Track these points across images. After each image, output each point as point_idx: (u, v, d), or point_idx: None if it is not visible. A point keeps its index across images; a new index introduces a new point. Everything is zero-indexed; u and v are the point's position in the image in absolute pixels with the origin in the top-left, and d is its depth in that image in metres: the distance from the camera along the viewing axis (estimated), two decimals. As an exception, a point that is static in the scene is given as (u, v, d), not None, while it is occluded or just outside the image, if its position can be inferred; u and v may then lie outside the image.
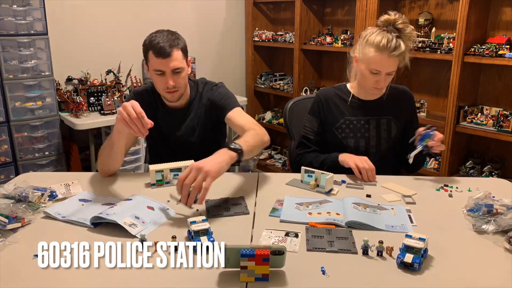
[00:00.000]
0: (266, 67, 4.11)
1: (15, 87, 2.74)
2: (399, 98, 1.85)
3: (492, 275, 1.08)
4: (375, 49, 1.66)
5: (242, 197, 1.49)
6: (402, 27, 1.65)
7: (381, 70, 1.68)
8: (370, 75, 1.71)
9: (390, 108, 1.83)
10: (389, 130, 1.83)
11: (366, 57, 1.70)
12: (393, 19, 1.66)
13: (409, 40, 1.67)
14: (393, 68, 1.69)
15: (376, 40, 1.66)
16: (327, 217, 1.33)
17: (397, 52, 1.64)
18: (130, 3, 3.35)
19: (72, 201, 1.45)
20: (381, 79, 1.70)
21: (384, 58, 1.65)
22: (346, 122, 1.82)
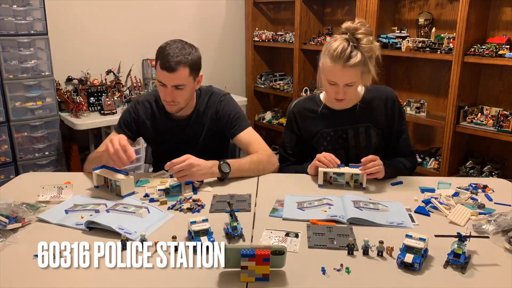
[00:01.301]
0: (266, 67, 4.11)
1: (15, 87, 2.74)
2: (378, 102, 1.74)
3: (492, 275, 1.08)
4: (329, 59, 1.57)
5: (249, 195, 1.51)
6: (360, 37, 1.55)
7: (337, 81, 1.59)
8: (329, 86, 1.63)
9: (367, 115, 1.73)
10: (369, 138, 1.73)
11: (323, 66, 1.62)
12: (353, 27, 1.56)
13: (367, 52, 1.56)
14: (350, 79, 1.58)
15: (331, 48, 1.56)
16: (329, 214, 1.33)
17: (351, 63, 1.54)
18: (130, 3, 3.35)
19: (66, 204, 1.44)
20: (340, 90, 1.61)
21: (338, 68, 1.56)
22: (323, 135, 1.75)
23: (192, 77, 1.67)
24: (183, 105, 1.74)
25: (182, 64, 1.62)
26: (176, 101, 1.69)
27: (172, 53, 1.61)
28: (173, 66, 1.61)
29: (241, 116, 1.82)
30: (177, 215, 1.38)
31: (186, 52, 1.64)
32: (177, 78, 1.63)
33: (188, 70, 1.64)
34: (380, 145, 1.75)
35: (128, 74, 3.33)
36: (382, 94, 1.75)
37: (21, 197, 1.44)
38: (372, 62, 1.59)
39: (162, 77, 1.64)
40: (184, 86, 1.66)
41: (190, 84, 1.69)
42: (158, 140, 1.87)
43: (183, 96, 1.69)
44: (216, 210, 1.40)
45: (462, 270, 1.07)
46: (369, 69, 1.59)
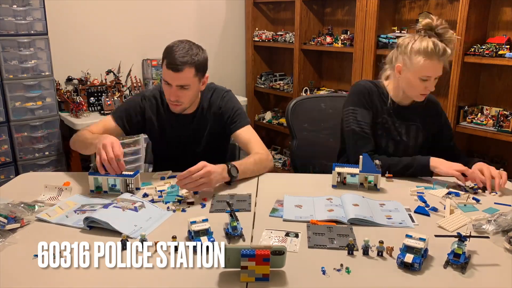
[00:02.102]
0: (266, 67, 4.11)
1: (15, 87, 2.74)
2: (431, 107, 1.85)
3: (492, 275, 1.08)
4: (424, 55, 1.63)
5: (249, 195, 1.51)
6: (443, 32, 1.64)
7: (431, 76, 1.66)
8: (419, 82, 1.68)
9: (419, 115, 1.82)
10: (417, 137, 1.81)
11: (415, 66, 1.66)
12: (435, 25, 1.65)
13: (450, 43, 1.65)
14: (441, 72, 1.68)
15: (422, 48, 1.63)
16: (329, 214, 1.33)
17: (446, 56, 1.64)
18: (130, 3, 3.35)
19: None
20: (430, 84, 1.68)
21: (435, 63, 1.64)
22: (383, 121, 1.79)
23: (197, 78, 1.68)
24: (187, 105, 1.75)
25: (188, 65, 1.62)
26: (180, 101, 1.70)
27: (179, 53, 1.62)
28: (179, 66, 1.61)
29: (242, 112, 1.85)
30: (177, 214, 1.38)
31: (193, 53, 1.64)
32: (182, 78, 1.64)
33: (193, 71, 1.65)
34: (424, 147, 1.82)
35: (128, 74, 3.33)
36: (434, 101, 1.88)
37: (21, 197, 1.44)
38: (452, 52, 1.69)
39: (167, 76, 1.65)
40: (189, 87, 1.67)
41: (195, 85, 1.69)
42: (162, 136, 1.86)
43: (188, 96, 1.70)
44: (216, 210, 1.40)
45: (462, 270, 1.07)
46: (451, 58, 1.72)
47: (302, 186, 1.62)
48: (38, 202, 1.44)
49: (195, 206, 1.44)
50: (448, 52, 1.64)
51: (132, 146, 3.11)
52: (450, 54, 1.66)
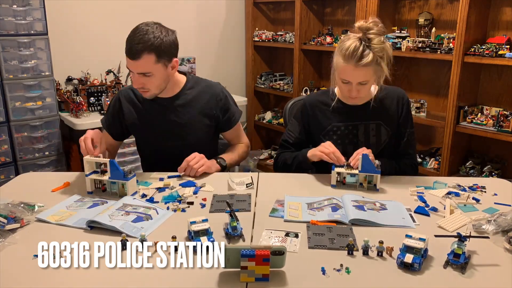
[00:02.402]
0: (266, 67, 4.11)
1: (15, 87, 2.73)
2: (390, 101, 1.76)
3: (492, 275, 1.08)
4: (342, 58, 1.58)
5: (249, 195, 1.51)
6: (372, 37, 1.56)
7: (350, 80, 1.61)
8: (342, 84, 1.65)
9: (379, 112, 1.74)
10: (379, 135, 1.75)
11: (336, 65, 1.64)
12: (366, 27, 1.57)
13: (379, 52, 1.56)
14: (363, 78, 1.59)
15: (343, 48, 1.58)
16: (330, 214, 1.33)
17: (363, 62, 1.54)
18: (130, 3, 3.34)
19: (64, 205, 1.44)
20: (352, 88, 1.62)
21: (350, 67, 1.57)
22: (334, 128, 1.76)
23: (160, 64, 1.59)
24: (156, 91, 1.68)
25: (145, 52, 1.53)
26: (145, 88, 1.64)
27: (137, 38, 1.53)
28: (135, 53, 1.54)
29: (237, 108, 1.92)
30: (177, 214, 1.38)
31: (150, 38, 1.54)
32: (141, 66, 1.56)
33: (153, 57, 1.56)
34: (390, 143, 1.76)
35: (128, 74, 3.32)
36: (394, 94, 1.78)
37: (21, 197, 1.44)
38: (384, 61, 1.60)
39: (128, 64, 1.59)
40: (151, 74, 1.59)
41: (159, 71, 1.60)
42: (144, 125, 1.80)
43: (153, 83, 1.63)
44: (216, 210, 1.40)
45: (462, 270, 1.07)
46: (382, 68, 1.60)
47: (302, 186, 1.62)
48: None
49: (195, 206, 1.44)
50: (368, 59, 1.54)
51: (132, 146, 3.10)
52: (372, 61, 1.55)
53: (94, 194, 1.54)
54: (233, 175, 1.67)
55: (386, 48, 1.59)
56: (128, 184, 1.49)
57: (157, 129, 1.80)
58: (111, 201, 1.45)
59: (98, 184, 1.56)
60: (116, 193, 1.53)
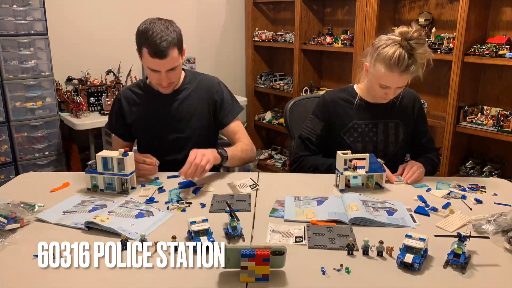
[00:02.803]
0: (266, 67, 4.10)
1: (15, 87, 2.73)
2: (407, 101, 1.82)
3: (492, 275, 1.08)
4: (385, 66, 1.58)
5: (249, 195, 1.51)
6: (415, 46, 1.55)
7: (390, 86, 1.64)
8: (379, 88, 1.66)
9: (398, 112, 1.79)
10: (397, 134, 1.79)
11: (376, 72, 1.62)
12: (410, 36, 1.55)
13: (421, 59, 1.58)
14: (403, 84, 1.64)
15: (387, 56, 1.56)
16: (330, 213, 1.34)
17: (409, 72, 1.57)
18: (130, 3, 3.34)
19: (64, 205, 1.44)
20: (390, 92, 1.66)
21: (395, 75, 1.58)
22: (354, 126, 1.77)
23: (180, 55, 1.67)
24: (178, 81, 1.77)
25: (171, 46, 1.59)
26: (171, 82, 1.70)
27: (158, 38, 1.57)
28: (165, 52, 1.57)
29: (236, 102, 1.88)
30: (177, 214, 1.38)
31: (170, 32, 1.60)
32: (170, 62, 1.61)
33: (177, 50, 1.63)
34: (406, 142, 1.81)
35: (128, 74, 3.33)
36: (411, 95, 1.83)
37: (21, 197, 1.44)
38: (424, 67, 1.61)
39: (154, 64, 1.61)
40: (177, 67, 1.67)
41: (180, 62, 1.69)
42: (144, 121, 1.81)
43: (177, 75, 1.72)
44: (216, 210, 1.40)
45: (462, 270, 1.07)
46: (419, 72, 1.61)
47: (302, 186, 1.62)
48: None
49: (195, 206, 1.44)
50: (412, 69, 1.57)
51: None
52: (416, 70, 1.58)
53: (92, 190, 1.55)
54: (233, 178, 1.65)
55: (428, 55, 1.60)
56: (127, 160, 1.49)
57: (157, 123, 1.81)
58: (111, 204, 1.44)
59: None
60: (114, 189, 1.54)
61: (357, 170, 1.56)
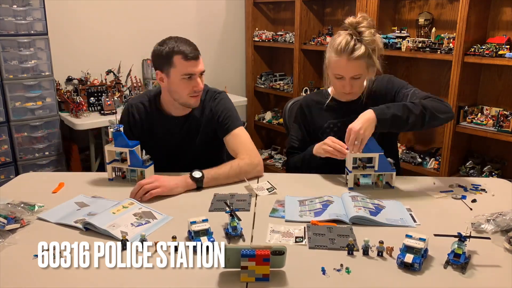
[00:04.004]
0: (266, 67, 4.10)
1: (15, 87, 2.73)
2: (380, 90, 1.76)
3: (492, 275, 1.08)
4: (334, 52, 1.61)
5: (250, 194, 1.51)
6: (363, 30, 1.59)
7: (343, 75, 1.63)
8: (335, 80, 1.67)
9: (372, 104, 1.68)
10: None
11: (329, 61, 1.66)
12: (355, 22, 1.60)
13: (370, 44, 1.59)
14: (356, 72, 1.62)
15: (335, 43, 1.61)
16: (331, 214, 1.34)
17: (355, 55, 1.57)
18: (130, 4, 3.35)
19: (67, 205, 1.44)
20: (346, 83, 1.64)
21: (343, 61, 1.60)
22: (330, 125, 1.79)
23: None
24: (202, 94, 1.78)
25: (198, 50, 1.69)
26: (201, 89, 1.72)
27: (186, 45, 1.66)
28: (196, 53, 1.67)
29: (232, 115, 1.79)
30: (177, 215, 1.37)
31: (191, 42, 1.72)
32: (201, 63, 1.70)
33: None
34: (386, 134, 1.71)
35: (128, 74, 3.33)
36: (381, 83, 1.78)
37: (21, 197, 1.44)
38: (376, 54, 1.62)
39: (189, 68, 1.65)
40: (204, 72, 1.72)
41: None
42: (154, 141, 1.80)
43: (203, 81, 1.74)
44: (216, 209, 1.40)
45: (462, 270, 1.07)
46: (374, 61, 1.63)
47: (302, 186, 1.62)
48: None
49: (196, 205, 1.44)
50: (360, 52, 1.57)
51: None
52: (364, 54, 1.58)
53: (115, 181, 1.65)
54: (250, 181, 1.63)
55: (377, 40, 1.62)
56: (147, 171, 1.59)
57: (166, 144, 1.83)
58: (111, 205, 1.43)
59: (118, 171, 1.67)
60: (135, 180, 1.61)
61: (366, 169, 1.57)
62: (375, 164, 1.55)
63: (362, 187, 1.59)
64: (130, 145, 1.58)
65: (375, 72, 1.70)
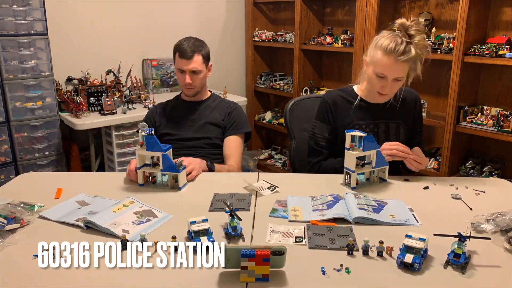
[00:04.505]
0: (266, 67, 4.10)
1: (15, 87, 2.73)
2: (408, 101, 1.82)
3: (492, 275, 1.08)
4: (383, 52, 1.60)
5: (250, 194, 1.51)
6: (414, 33, 1.59)
7: (387, 75, 1.62)
8: (376, 79, 1.65)
9: (399, 112, 1.79)
10: (398, 135, 1.78)
11: (373, 59, 1.64)
12: (408, 25, 1.60)
13: (420, 49, 1.60)
14: (400, 74, 1.63)
15: (384, 43, 1.60)
16: (335, 213, 1.34)
17: (405, 57, 1.58)
18: (130, 4, 3.34)
19: (68, 203, 1.44)
20: (387, 84, 1.65)
21: (391, 61, 1.59)
22: (355, 126, 1.76)
23: (205, 64, 2.03)
24: (199, 89, 2.07)
25: (197, 52, 1.98)
26: (193, 85, 2.02)
27: (187, 45, 1.98)
28: (189, 54, 1.97)
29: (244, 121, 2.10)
30: (177, 215, 1.37)
31: (198, 44, 2.01)
32: (194, 63, 1.97)
33: (201, 58, 2.00)
34: (407, 143, 1.77)
35: (128, 74, 3.33)
36: (412, 95, 1.84)
37: (21, 197, 1.44)
38: (422, 61, 1.63)
39: (181, 65, 1.99)
40: (198, 71, 2.00)
41: (204, 70, 2.03)
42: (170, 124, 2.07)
43: (199, 79, 2.02)
44: (216, 209, 1.40)
45: (462, 270, 1.07)
46: (417, 67, 1.63)
47: (302, 186, 1.62)
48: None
49: (197, 205, 1.44)
50: (410, 55, 1.57)
51: (132, 146, 3.10)
52: (414, 57, 1.59)
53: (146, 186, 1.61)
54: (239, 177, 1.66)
55: (427, 45, 1.63)
56: (180, 176, 1.57)
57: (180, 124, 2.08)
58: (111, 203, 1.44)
59: (148, 176, 1.64)
60: (167, 185, 1.61)
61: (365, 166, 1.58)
62: (373, 160, 1.57)
63: (360, 185, 1.59)
64: (163, 149, 1.55)
65: (412, 78, 1.70)
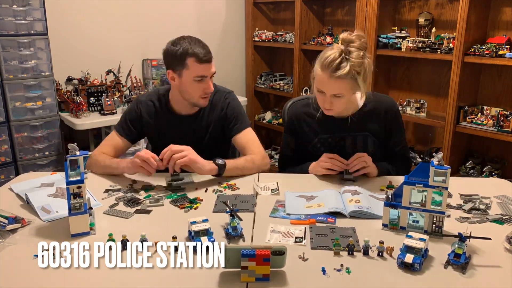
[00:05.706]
0: (266, 67, 4.11)
1: (15, 87, 2.74)
2: (377, 113, 1.71)
3: (492, 275, 1.08)
4: (319, 66, 1.54)
5: (253, 195, 1.51)
6: (352, 50, 1.49)
7: (324, 90, 1.55)
8: (317, 93, 1.60)
9: (366, 124, 1.70)
10: (366, 147, 1.71)
11: (314, 73, 1.59)
12: (348, 39, 1.51)
13: (356, 67, 1.49)
14: (337, 91, 1.53)
15: (323, 57, 1.53)
16: (330, 207, 1.35)
17: (338, 74, 1.48)
18: (130, 3, 3.35)
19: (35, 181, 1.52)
20: (326, 100, 1.57)
21: (326, 77, 1.52)
22: (321, 140, 1.74)
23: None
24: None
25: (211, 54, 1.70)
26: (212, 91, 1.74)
27: (200, 47, 1.67)
28: (209, 56, 1.68)
29: (242, 116, 1.85)
30: (177, 214, 1.37)
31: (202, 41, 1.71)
32: (213, 66, 1.71)
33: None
34: (378, 154, 1.72)
35: (128, 74, 3.33)
36: (381, 105, 1.72)
37: (21, 197, 1.44)
38: (361, 78, 1.53)
39: (202, 70, 1.67)
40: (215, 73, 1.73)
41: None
42: (161, 139, 1.81)
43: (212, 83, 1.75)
44: (219, 210, 1.39)
45: (462, 270, 1.07)
46: (358, 84, 1.53)
47: (302, 186, 1.61)
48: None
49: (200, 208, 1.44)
50: (343, 72, 1.48)
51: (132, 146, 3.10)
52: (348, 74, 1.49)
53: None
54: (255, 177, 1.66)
55: (364, 64, 1.52)
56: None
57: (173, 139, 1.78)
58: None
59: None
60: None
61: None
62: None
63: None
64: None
65: (364, 93, 1.63)
